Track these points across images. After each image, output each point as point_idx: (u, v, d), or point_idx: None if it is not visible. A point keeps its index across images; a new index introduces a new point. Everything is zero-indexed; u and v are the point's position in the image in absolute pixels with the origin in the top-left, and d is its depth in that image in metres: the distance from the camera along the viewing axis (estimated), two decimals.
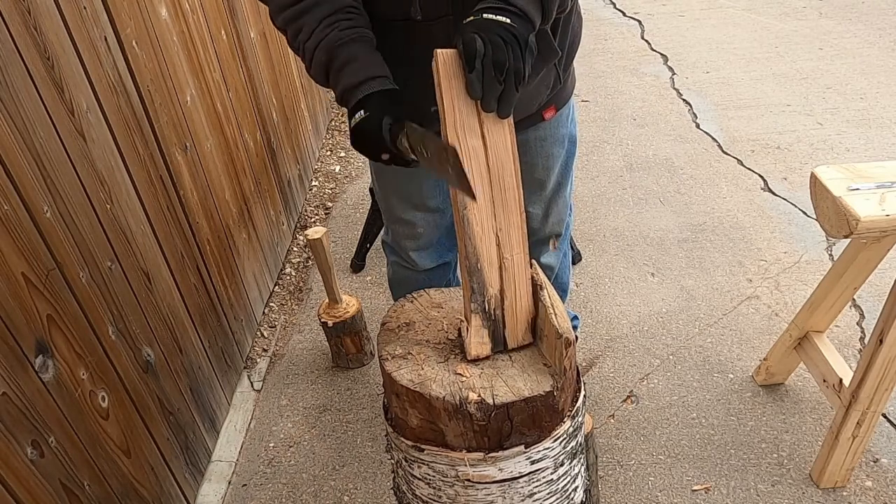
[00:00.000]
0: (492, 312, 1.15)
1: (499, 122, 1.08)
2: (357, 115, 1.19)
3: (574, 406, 1.19)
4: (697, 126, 3.55)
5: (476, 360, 1.16)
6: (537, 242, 1.82)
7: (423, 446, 1.16)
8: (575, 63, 1.60)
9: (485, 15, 1.06)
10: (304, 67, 1.27)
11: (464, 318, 1.18)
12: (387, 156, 1.19)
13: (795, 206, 2.92)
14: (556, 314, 1.12)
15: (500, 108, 1.06)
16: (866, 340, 2.20)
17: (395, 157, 1.19)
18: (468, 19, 1.08)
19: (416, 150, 1.10)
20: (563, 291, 2.08)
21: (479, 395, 1.08)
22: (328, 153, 3.64)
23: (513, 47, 1.04)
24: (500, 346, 1.18)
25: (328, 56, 1.21)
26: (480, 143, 1.08)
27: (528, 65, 1.07)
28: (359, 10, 1.27)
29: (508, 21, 1.06)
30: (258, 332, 2.50)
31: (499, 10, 1.08)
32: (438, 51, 1.04)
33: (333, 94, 1.25)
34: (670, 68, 4.14)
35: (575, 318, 2.35)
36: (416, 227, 1.73)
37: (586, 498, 1.32)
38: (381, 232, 2.01)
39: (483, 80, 1.02)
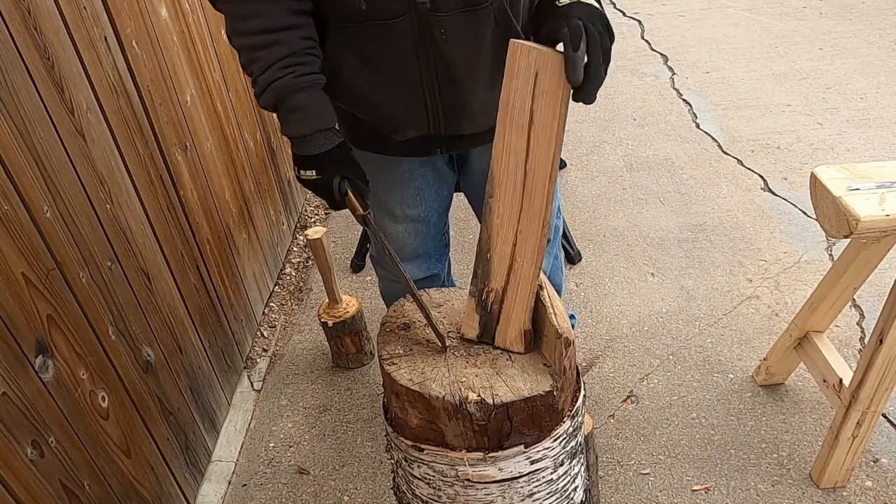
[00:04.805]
0: (489, 305, 1.17)
1: (546, 134, 1.06)
2: (308, 174, 1.27)
3: (574, 406, 1.19)
4: (697, 126, 3.55)
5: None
6: None
7: (422, 446, 1.16)
8: None
9: None
10: (252, 91, 1.30)
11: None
12: (337, 210, 1.33)
13: (795, 206, 2.92)
14: (555, 314, 1.13)
15: (589, 95, 1.04)
16: (866, 340, 2.20)
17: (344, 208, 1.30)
18: (563, 2, 1.06)
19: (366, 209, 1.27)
20: (556, 291, 2.08)
21: (479, 395, 1.08)
22: None
23: (609, 35, 1.04)
24: (488, 337, 1.21)
25: (278, 99, 1.24)
26: (524, 145, 1.08)
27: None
28: (314, 52, 1.26)
29: (600, 8, 1.06)
30: (258, 332, 2.50)
31: None
32: (514, 41, 1.03)
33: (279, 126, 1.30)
34: (670, 68, 4.14)
35: (572, 316, 2.36)
36: (398, 238, 1.69)
37: (586, 498, 1.33)
38: (370, 246, 2.00)
39: (591, 66, 1.01)
